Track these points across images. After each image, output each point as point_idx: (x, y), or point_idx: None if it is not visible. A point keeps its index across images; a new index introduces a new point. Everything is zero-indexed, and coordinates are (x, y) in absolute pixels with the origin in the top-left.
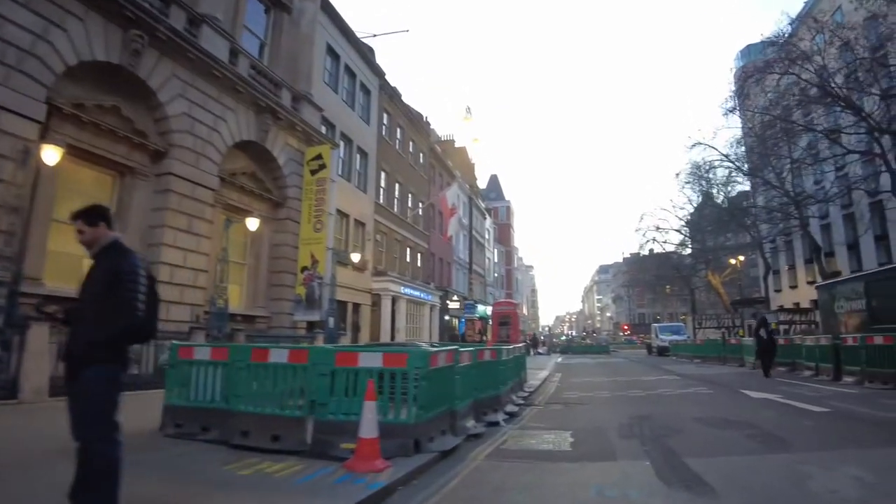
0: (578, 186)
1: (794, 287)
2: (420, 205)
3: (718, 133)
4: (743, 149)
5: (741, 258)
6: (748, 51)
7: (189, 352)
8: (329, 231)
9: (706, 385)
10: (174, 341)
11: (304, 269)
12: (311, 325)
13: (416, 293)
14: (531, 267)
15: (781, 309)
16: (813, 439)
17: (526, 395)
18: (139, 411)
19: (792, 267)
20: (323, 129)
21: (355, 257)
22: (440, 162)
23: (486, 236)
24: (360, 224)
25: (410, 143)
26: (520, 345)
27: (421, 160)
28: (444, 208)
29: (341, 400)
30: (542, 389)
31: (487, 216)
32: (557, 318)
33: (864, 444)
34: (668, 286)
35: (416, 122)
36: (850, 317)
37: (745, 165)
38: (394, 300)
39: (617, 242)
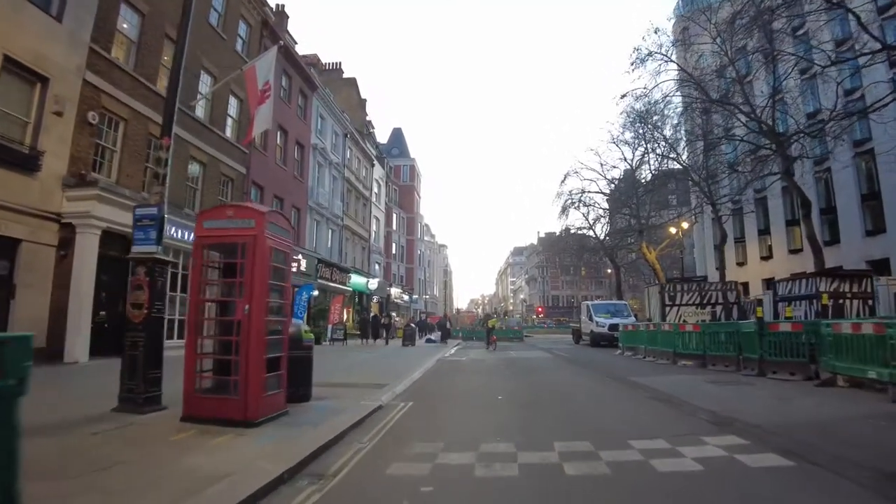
0: (496, 166)
1: (741, 264)
2: (238, 102)
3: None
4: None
5: (684, 225)
6: None
7: None
8: None
9: None
10: None
11: None
12: None
13: (189, 238)
14: (445, 246)
15: (822, 272)
16: None
17: None
18: None
19: (741, 239)
20: None
21: None
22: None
23: (375, 189)
24: (29, 74)
25: None
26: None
27: (242, 33)
28: (250, 86)
29: None
30: None
31: (377, 164)
32: (472, 300)
33: None
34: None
35: None
36: None
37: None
38: (123, 242)
39: (532, 223)
